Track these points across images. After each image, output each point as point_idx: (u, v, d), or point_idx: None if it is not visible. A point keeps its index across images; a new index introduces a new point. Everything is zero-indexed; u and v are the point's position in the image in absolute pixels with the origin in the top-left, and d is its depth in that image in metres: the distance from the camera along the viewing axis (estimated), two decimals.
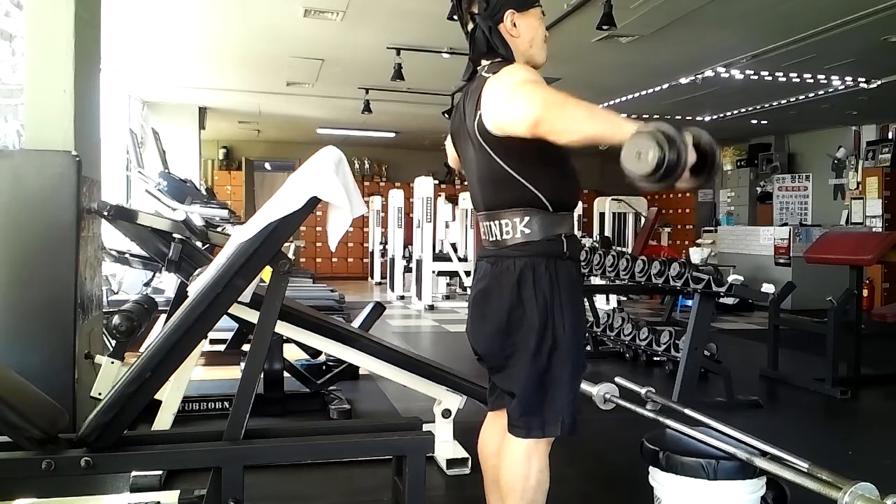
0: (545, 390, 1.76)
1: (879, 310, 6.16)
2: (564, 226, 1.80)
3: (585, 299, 5.95)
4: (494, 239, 1.82)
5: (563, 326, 1.74)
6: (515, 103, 1.59)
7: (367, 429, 1.91)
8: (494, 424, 1.96)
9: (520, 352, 1.75)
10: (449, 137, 2.04)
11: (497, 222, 1.80)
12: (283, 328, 2.73)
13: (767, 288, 4.10)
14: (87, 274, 3.05)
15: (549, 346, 1.74)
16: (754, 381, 4.72)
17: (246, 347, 4.17)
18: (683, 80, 7.24)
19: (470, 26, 1.85)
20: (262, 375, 3.47)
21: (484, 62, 1.83)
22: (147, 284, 5.84)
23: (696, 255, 8.47)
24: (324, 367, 4.11)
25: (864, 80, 7.14)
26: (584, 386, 2.25)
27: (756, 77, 6.98)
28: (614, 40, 5.72)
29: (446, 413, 2.93)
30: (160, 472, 2.57)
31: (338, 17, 5.39)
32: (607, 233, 9.30)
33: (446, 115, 8.07)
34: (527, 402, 1.76)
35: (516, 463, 1.78)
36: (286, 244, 2.43)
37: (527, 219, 1.74)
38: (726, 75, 6.89)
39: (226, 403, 3.51)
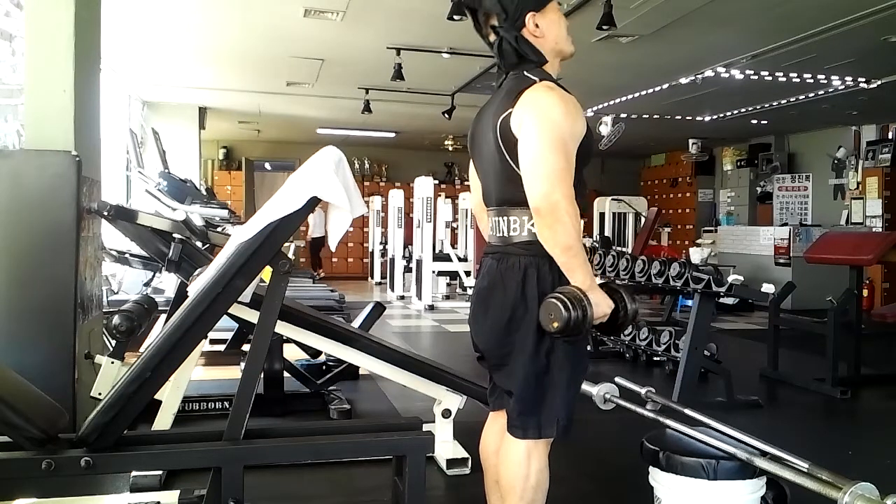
0: (543, 391, 1.76)
1: (879, 310, 6.15)
2: None
3: None
4: (502, 235, 1.82)
5: None
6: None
7: (367, 429, 1.92)
8: (495, 424, 1.96)
9: (519, 350, 1.76)
10: (472, 166, 2.00)
11: (506, 218, 1.80)
12: (283, 328, 2.73)
13: (767, 288, 4.10)
14: (87, 274, 3.05)
15: (547, 348, 1.74)
16: (754, 381, 4.72)
17: (246, 347, 4.17)
18: (683, 80, 7.24)
19: (492, 38, 1.82)
20: (262, 375, 3.47)
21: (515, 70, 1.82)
22: (147, 284, 5.84)
23: (696, 255, 8.47)
24: (324, 367, 4.11)
25: (864, 80, 7.13)
26: (584, 386, 2.24)
27: (756, 77, 6.97)
28: (614, 40, 5.72)
29: (446, 413, 2.93)
30: (160, 472, 2.57)
31: (338, 17, 5.39)
32: (607, 233, 9.30)
33: (446, 115, 8.07)
34: (524, 402, 1.76)
35: (516, 463, 1.78)
36: (286, 244, 2.43)
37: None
38: (726, 75, 6.89)
39: (226, 403, 3.51)
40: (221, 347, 4.82)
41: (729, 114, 9.24)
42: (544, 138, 1.65)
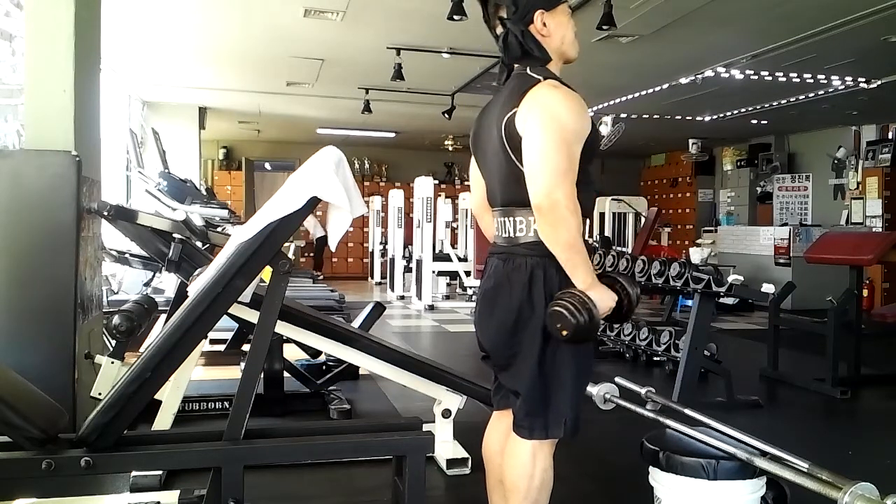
0: (549, 391, 1.75)
1: (879, 310, 6.16)
2: None
3: None
4: (508, 235, 1.82)
5: None
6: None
7: (367, 429, 1.91)
8: (499, 424, 1.96)
9: (526, 351, 1.75)
10: (472, 165, 1.99)
11: (511, 219, 1.80)
12: (283, 328, 2.73)
13: (767, 288, 4.10)
14: (87, 274, 3.05)
15: (553, 348, 1.73)
16: (754, 381, 4.72)
17: (246, 347, 4.17)
18: (683, 80, 7.23)
19: (499, 30, 1.83)
20: (262, 375, 3.47)
21: (518, 65, 1.82)
22: (147, 284, 5.84)
23: (696, 255, 8.47)
24: (324, 367, 4.11)
25: (864, 80, 7.13)
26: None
27: (756, 77, 6.97)
28: (614, 40, 5.72)
29: (446, 413, 2.93)
30: (160, 472, 2.57)
31: (338, 17, 5.39)
32: (607, 233, 9.30)
33: (446, 115, 8.07)
34: (531, 403, 1.76)
35: (521, 463, 1.78)
36: (286, 244, 2.43)
37: None
38: (726, 75, 6.89)
39: (226, 403, 3.51)
40: (221, 347, 4.82)
41: (729, 114, 9.24)
42: (548, 136, 1.65)
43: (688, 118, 9.66)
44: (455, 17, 4.51)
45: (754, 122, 9.78)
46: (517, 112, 1.71)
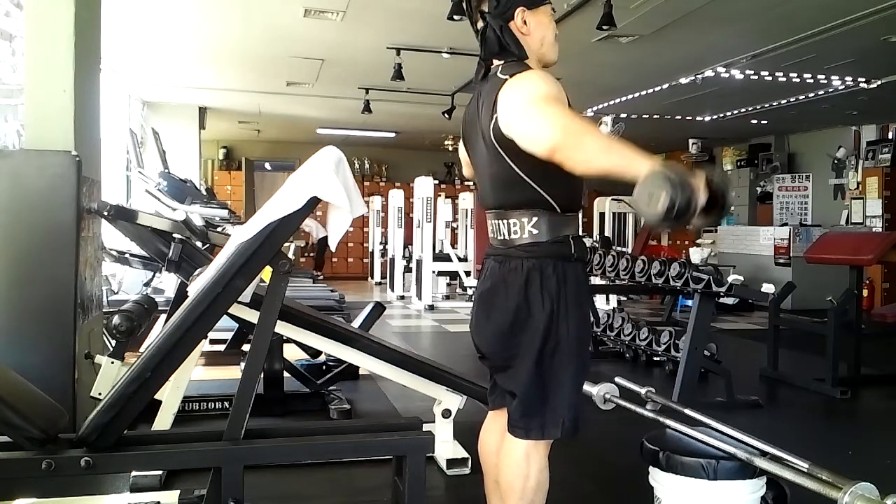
0: (546, 392, 1.75)
1: (879, 310, 6.16)
2: (571, 227, 1.80)
3: None
4: (502, 238, 1.82)
5: (568, 329, 1.73)
6: (534, 124, 1.57)
7: (367, 429, 1.92)
8: (495, 424, 1.96)
9: (523, 352, 1.75)
10: (461, 145, 2.01)
11: (505, 221, 1.80)
12: (283, 328, 2.73)
13: (767, 288, 4.10)
14: (87, 274, 3.05)
15: (552, 348, 1.73)
16: (754, 381, 4.72)
17: (246, 347, 4.17)
18: (683, 80, 7.23)
19: (480, 25, 1.83)
20: (262, 375, 3.47)
21: (497, 62, 1.82)
22: (147, 284, 5.85)
23: (696, 255, 8.47)
24: (324, 367, 4.11)
25: (864, 80, 7.13)
26: (585, 386, 2.25)
27: (756, 77, 6.97)
28: (614, 40, 5.71)
29: (446, 413, 2.93)
30: (160, 472, 2.57)
31: (338, 17, 5.39)
32: (607, 233, 9.29)
33: (446, 115, 8.07)
34: (527, 403, 1.76)
35: (516, 463, 1.78)
36: (286, 244, 2.43)
37: (534, 219, 1.74)
38: (726, 75, 6.89)
39: (226, 403, 3.51)
40: (221, 347, 4.82)
41: (729, 114, 9.24)
42: (528, 101, 1.62)
43: (688, 118, 9.66)
44: (455, 17, 4.51)
45: (754, 122, 9.78)
46: (498, 118, 1.70)
